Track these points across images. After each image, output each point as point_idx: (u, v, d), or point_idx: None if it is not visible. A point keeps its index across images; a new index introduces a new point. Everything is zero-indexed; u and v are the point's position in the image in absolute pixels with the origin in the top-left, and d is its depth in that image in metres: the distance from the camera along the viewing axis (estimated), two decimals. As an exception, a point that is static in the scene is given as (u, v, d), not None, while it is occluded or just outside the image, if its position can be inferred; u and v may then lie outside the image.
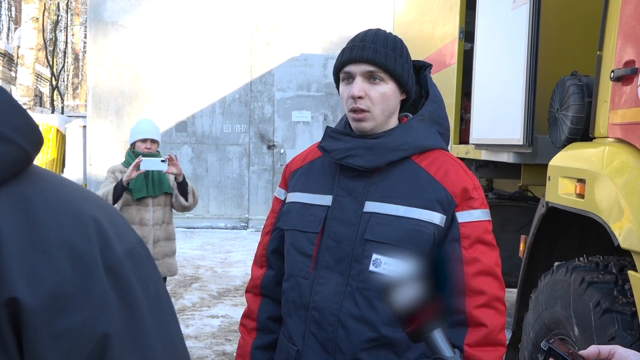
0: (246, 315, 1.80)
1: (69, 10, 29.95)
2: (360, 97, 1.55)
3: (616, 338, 2.31)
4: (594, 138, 2.82)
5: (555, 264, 3.04)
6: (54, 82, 24.59)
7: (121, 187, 3.82)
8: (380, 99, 1.56)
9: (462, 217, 1.55)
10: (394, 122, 1.64)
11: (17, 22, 27.95)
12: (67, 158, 12.98)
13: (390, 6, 7.57)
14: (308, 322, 1.59)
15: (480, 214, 1.58)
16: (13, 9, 31.15)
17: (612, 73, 2.58)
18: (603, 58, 2.74)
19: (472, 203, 1.57)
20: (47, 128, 13.18)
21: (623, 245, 2.33)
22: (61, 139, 13.46)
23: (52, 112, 20.23)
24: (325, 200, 1.62)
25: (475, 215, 1.56)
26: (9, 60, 20.55)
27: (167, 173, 3.96)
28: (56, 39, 27.38)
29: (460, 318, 1.52)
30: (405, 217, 1.53)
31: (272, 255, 1.76)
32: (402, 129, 1.61)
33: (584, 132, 2.92)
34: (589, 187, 2.62)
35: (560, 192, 2.89)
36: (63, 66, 30.91)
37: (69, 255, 0.65)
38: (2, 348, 0.61)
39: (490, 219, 1.61)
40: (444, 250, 1.53)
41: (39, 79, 24.09)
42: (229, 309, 6.17)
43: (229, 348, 5.06)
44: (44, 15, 19.93)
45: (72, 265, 0.64)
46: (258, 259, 1.80)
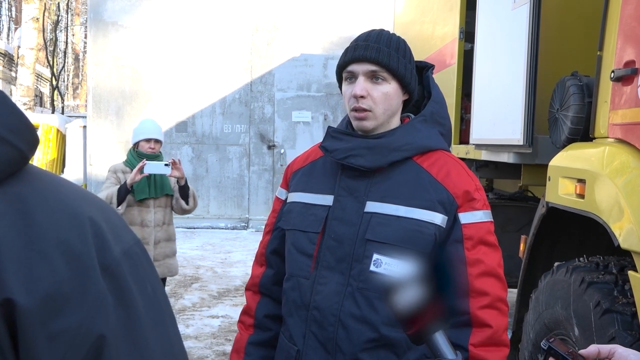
0: (245, 312, 1.82)
1: (69, 10, 29.96)
2: (362, 97, 1.55)
3: (616, 338, 2.30)
4: (594, 138, 2.82)
5: (556, 264, 3.04)
6: (54, 82, 24.59)
7: (125, 190, 3.85)
8: (383, 98, 1.56)
9: (465, 218, 1.55)
10: (396, 122, 1.63)
11: (18, 22, 27.95)
12: (67, 158, 12.98)
13: (391, 6, 7.57)
14: (308, 322, 1.59)
15: (483, 215, 1.57)
16: (13, 9, 31.15)
17: (612, 73, 2.58)
18: (603, 58, 2.74)
19: (475, 204, 1.56)
20: (47, 128, 13.17)
21: (623, 245, 2.33)
22: (61, 139, 13.45)
23: (53, 112, 20.23)
24: (327, 200, 1.62)
25: (477, 217, 1.56)
26: (9, 60, 20.55)
27: (170, 177, 3.98)
28: (56, 39, 27.38)
29: (464, 319, 1.51)
30: (406, 217, 1.53)
31: (272, 254, 1.77)
32: (404, 130, 1.61)
33: (584, 133, 2.91)
34: (589, 187, 2.62)
35: (560, 192, 2.89)
36: (63, 66, 30.92)
37: (65, 255, 0.64)
38: (-2, 349, 0.61)
39: (492, 219, 1.61)
40: (446, 251, 1.53)
41: (39, 79, 24.08)
42: (229, 309, 6.17)
43: (229, 348, 5.06)
44: (44, 15, 19.92)
45: (68, 266, 0.64)
46: (258, 258, 1.81)
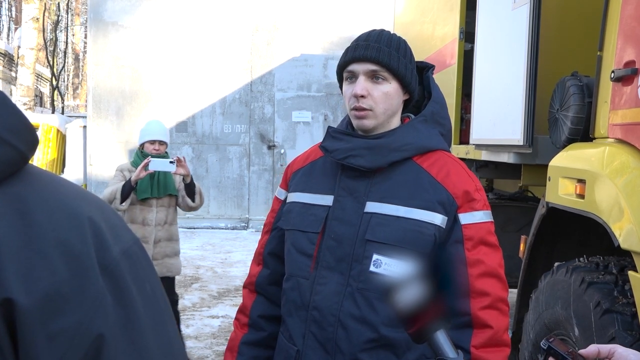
0: (241, 310, 1.82)
1: (69, 10, 29.96)
2: (362, 96, 1.55)
3: (616, 338, 2.30)
4: (594, 138, 2.82)
5: (556, 264, 3.04)
6: (54, 82, 24.58)
7: (129, 186, 3.89)
8: (383, 98, 1.56)
9: (465, 218, 1.55)
10: (396, 122, 1.63)
11: (18, 22, 27.94)
12: (67, 158, 12.98)
13: (391, 6, 7.56)
14: (308, 322, 1.59)
15: (483, 216, 1.57)
16: (13, 9, 31.15)
17: (613, 73, 2.57)
18: (603, 58, 2.74)
19: (475, 204, 1.56)
20: (47, 128, 13.17)
21: (623, 245, 2.33)
22: (61, 139, 13.45)
23: (53, 112, 20.22)
24: (327, 200, 1.62)
25: (477, 217, 1.56)
26: (9, 60, 20.55)
27: (175, 174, 4.01)
28: (56, 39, 27.38)
29: (465, 320, 1.51)
30: (406, 217, 1.53)
31: (269, 254, 1.77)
32: (404, 130, 1.61)
33: (584, 133, 2.91)
34: (589, 187, 2.62)
35: (560, 192, 2.89)
36: (63, 66, 30.92)
37: (65, 255, 0.65)
38: (-2, 349, 0.61)
39: (492, 220, 1.61)
40: (446, 251, 1.52)
41: (39, 79, 24.07)
42: (229, 309, 6.17)
43: (228, 348, 5.06)
44: (44, 15, 19.92)
45: (67, 266, 0.64)
46: (256, 257, 1.82)
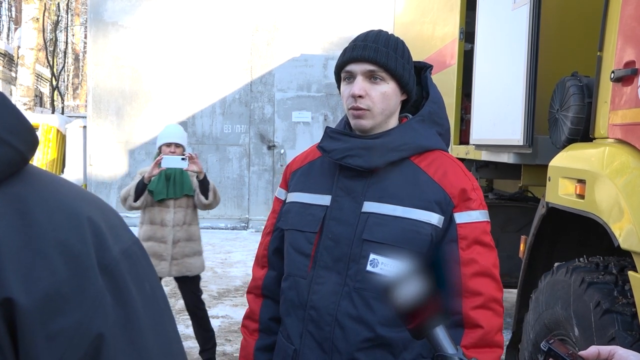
0: (248, 317, 1.79)
1: (69, 10, 29.96)
2: (360, 96, 1.55)
3: (616, 339, 2.30)
4: (594, 139, 2.82)
5: (556, 264, 3.04)
6: (54, 83, 24.58)
7: (142, 184, 3.99)
8: (381, 98, 1.56)
9: (460, 218, 1.55)
10: (394, 122, 1.63)
11: (18, 22, 27.95)
12: (67, 158, 12.98)
13: (391, 7, 7.57)
14: (305, 322, 1.59)
15: (479, 215, 1.57)
16: (13, 9, 31.15)
17: (613, 74, 2.57)
18: (603, 58, 2.74)
19: (470, 204, 1.56)
20: (47, 128, 13.17)
21: (623, 245, 2.33)
22: (61, 139, 13.45)
23: (53, 113, 20.22)
24: (324, 200, 1.62)
25: (473, 216, 1.56)
26: (9, 60, 20.55)
27: (187, 170, 4.08)
28: (56, 39, 27.38)
29: (456, 319, 1.51)
30: (403, 217, 1.53)
31: (274, 255, 1.76)
32: (402, 130, 1.61)
33: (584, 133, 2.91)
34: (589, 187, 2.62)
35: (560, 192, 2.89)
36: (63, 66, 30.92)
37: (64, 255, 0.65)
38: (-3, 348, 0.61)
39: (488, 219, 1.61)
40: (441, 250, 1.52)
41: (39, 79, 24.07)
42: (229, 310, 6.17)
43: (229, 348, 5.06)
44: (44, 15, 19.92)
45: (67, 266, 0.64)
46: (259, 260, 1.79)
